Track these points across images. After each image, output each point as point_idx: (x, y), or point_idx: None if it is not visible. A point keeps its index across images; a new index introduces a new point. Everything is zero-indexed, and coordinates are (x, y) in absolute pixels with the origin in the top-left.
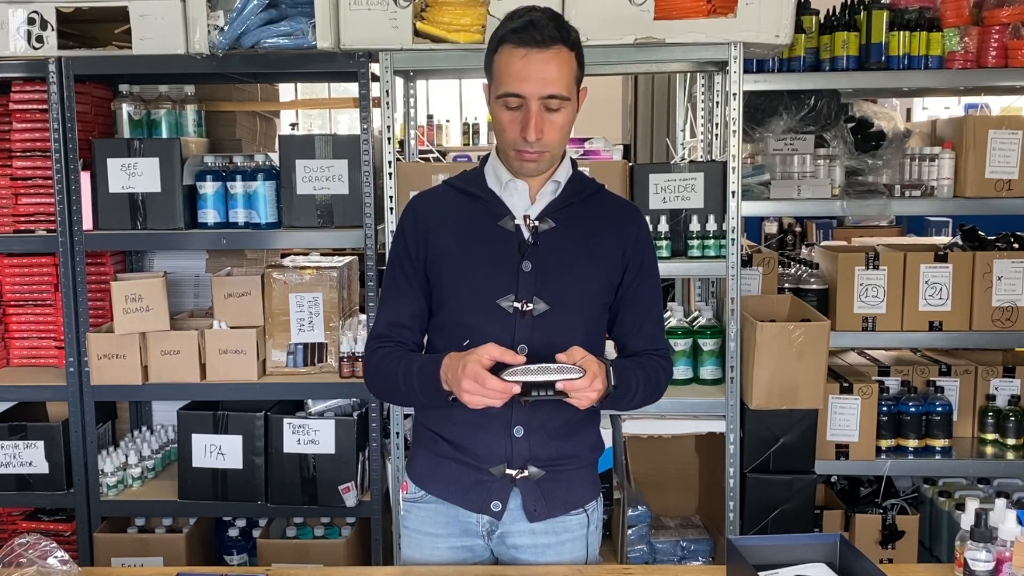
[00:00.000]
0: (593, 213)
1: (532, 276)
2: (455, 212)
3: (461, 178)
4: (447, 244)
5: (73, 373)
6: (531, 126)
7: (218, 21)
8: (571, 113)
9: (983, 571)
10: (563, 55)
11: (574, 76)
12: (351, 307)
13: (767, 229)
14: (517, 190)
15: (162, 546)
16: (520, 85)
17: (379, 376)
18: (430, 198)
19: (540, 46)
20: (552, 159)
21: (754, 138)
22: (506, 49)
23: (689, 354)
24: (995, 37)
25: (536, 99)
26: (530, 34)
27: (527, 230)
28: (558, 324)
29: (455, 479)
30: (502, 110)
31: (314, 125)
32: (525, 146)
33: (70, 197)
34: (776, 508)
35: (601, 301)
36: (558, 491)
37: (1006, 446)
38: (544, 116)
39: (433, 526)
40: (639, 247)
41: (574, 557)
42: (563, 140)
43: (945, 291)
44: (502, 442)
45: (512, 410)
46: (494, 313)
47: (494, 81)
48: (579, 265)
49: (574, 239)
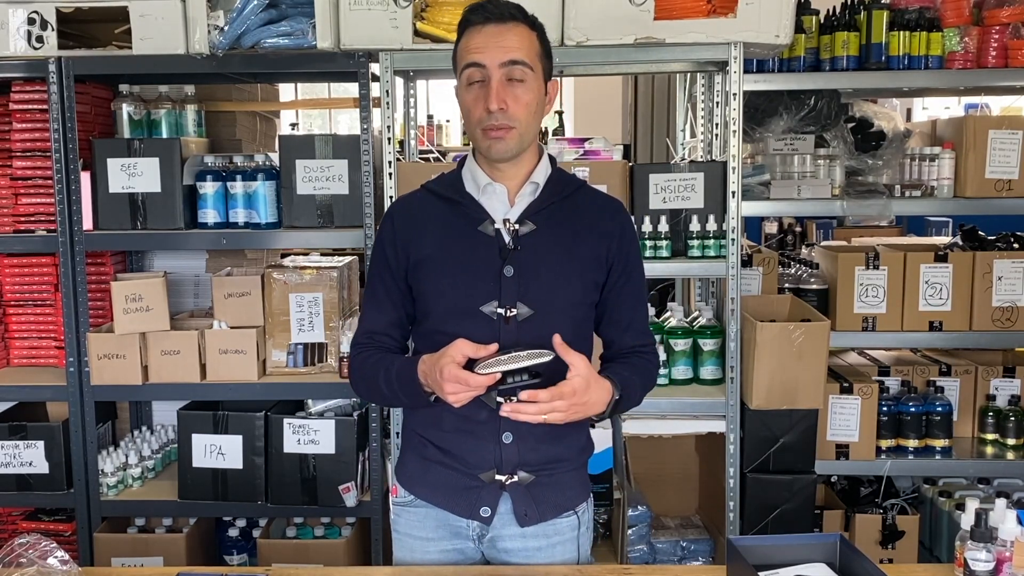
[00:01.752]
0: (575, 213)
1: (514, 281)
2: (434, 218)
3: (439, 182)
4: (428, 252)
5: (73, 373)
6: (492, 94)
7: (218, 21)
8: (537, 91)
9: (983, 571)
10: (523, 29)
11: (537, 52)
12: (351, 307)
13: (767, 229)
14: (495, 193)
15: (162, 546)
16: (479, 54)
17: (362, 381)
18: (408, 205)
19: (498, 20)
20: (520, 140)
21: (754, 138)
22: (466, 32)
23: (689, 354)
24: (995, 37)
25: (497, 67)
26: (487, 10)
27: (507, 234)
28: (543, 328)
29: (444, 484)
30: (466, 91)
31: (314, 125)
32: (489, 120)
33: (70, 197)
34: (776, 508)
35: (586, 302)
36: (548, 495)
37: (1006, 446)
38: (507, 87)
39: (423, 530)
40: (623, 244)
41: (565, 559)
42: (530, 120)
43: (945, 291)
44: (491, 448)
45: (501, 417)
46: (478, 320)
47: (457, 66)
48: (562, 267)
49: (556, 241)
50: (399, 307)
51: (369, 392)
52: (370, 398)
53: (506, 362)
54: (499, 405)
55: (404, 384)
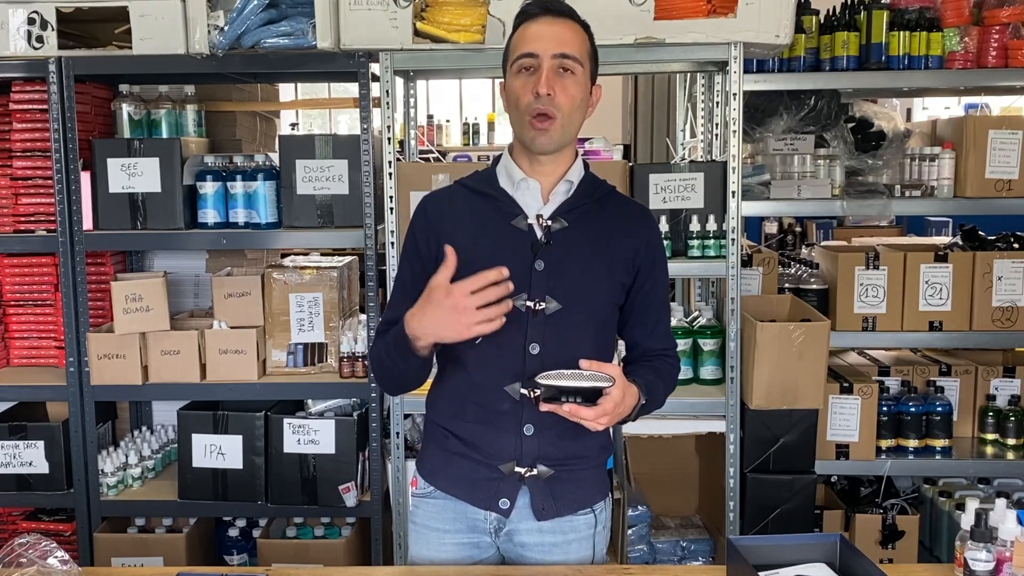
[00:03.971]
0: (606, 215)
1: (545, 275)
2: (467, 212)
3: (473, 178)
4: (460, 244)
5: (73, 373)
6: (543, 79)
7: (218, 21)
8: (584, 86)
9: (983, 571)
10: (577, 28)
11: (588, 51)
12: (351, 307)
13: (767, 229)
14: (529, 189)
15: (162, 546)
16: (533, 44)
17: (377, 367)
18: (441, 198)
19: (555, 14)
20: (563, 133)
21: (754, 138)
22: (522, 24)
23: (689, 354)
24: (995, 37)
25: (549, 57)
26: (545, 5)
27: (540, 229)
28: (569, 323)
29: (464, 475)
30: (516, 77)
31: (314, 125)
32: (537, 104)
33: (70, 197)
34: (776, 508)
35: (612, 302)
36: (567, 490)
37: (1006, 446)
38: (556, 76)
39: (441, 522)
40: (651, 250)
41: (580, 557)
42: (573, 114)
43: (945, 291)
44: (512, 440)
45: (523, 408)
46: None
47: (510, 57)
48: (592, 266)
49: (587, 240)
50: None
51: (381, 374)
52: (384, 383)
53: (568, 377)
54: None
55: (398, 341)
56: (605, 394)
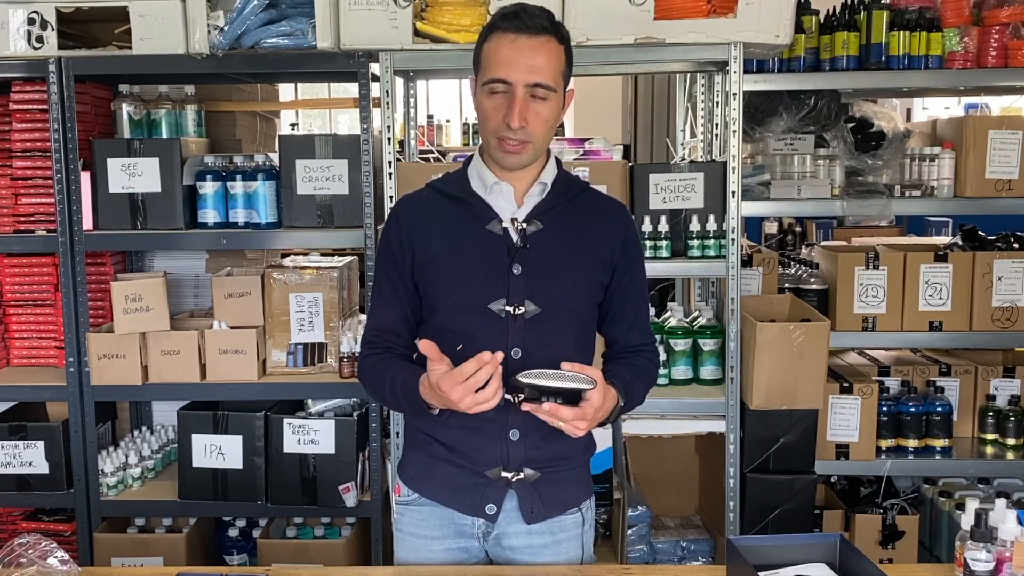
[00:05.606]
0: (580, 213)
1: (522, 279)
2: (441, 217)
3: (444, 181)
4: (435, 250)
5: (73, 373)
6: (515, 112)
7: (218, 21)
8: (556, 107)
9: (983, 571)
10: (552, 46)
11: (562, 71)
12: (351, 307)
13: (767, 229)
14: (502, 192)
15: (162, 546)
16: (507, 70)
17: (370, 384)
18: (414, 203)
19: (530, 32)
20: (535, 153)
21: (754, 138)
22: (495, 36)
23: (689, 354)
24: (995, 37)
25: (522, 86)
26: (521, 20)
27: (515, 233)
28: (550, 326)
29: (449, 482)
30: (487, 97)
31: (314, 125)
32: (508, 132)
33: (70, 197)
34: (776, 508)
35: (592, 301)
36: (554, 492)
37: (1006, 446)
38: (529, 104)
39: (427, 528)
40: (627, 246)
41: (570, 556)
42: (547, 135)
43: (945, 291)
44: (498, 445)
45: (508, 413)
46: (486, 317)
47: (481, 69)
48: (569, 266)
49: (563, 240)
50: (405, 304)
51: (376, 396)
52: (377, 401)
53: (550, 377)
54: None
55: (408, 400)
56: (585, 398)
